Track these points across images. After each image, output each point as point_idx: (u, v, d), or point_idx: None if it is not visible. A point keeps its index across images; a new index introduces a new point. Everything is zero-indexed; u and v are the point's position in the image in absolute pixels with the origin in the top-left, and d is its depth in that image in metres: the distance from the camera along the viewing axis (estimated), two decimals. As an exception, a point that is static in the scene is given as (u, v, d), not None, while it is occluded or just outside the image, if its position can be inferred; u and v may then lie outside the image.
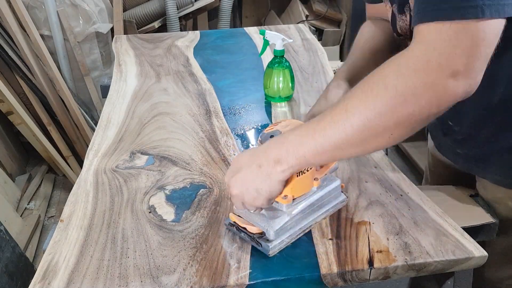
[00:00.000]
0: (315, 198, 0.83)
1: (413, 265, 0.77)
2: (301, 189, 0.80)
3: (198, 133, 1.18)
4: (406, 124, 0.65)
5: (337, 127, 0.67)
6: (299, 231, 0.82)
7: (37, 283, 0.73)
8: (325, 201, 0.85)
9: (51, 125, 2.42)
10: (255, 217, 0.80)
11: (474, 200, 1.04)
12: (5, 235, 1.70)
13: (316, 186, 0.82)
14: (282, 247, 0.80)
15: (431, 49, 0.62)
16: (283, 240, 0.80)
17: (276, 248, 0.79)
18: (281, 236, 0.79)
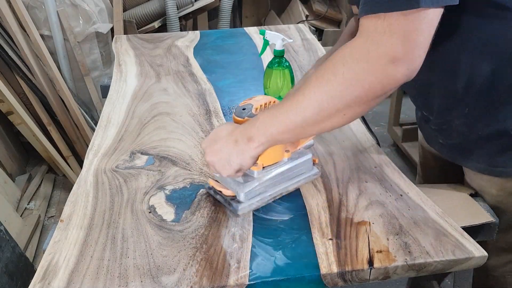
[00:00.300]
0: (285, 168, 0.91)
1: (413, 265, 0.77)
2: (271, 158, 0.89)
3: (198, 133, 1.18)
4: (355, 105, 0.73)
5: (296, 109, 0.76)
6: (269, 196, 0.91)
7: (37, 283, 0.73)
8: (295, 172, 0.93)
9: (51, 125, 2.42)
10: (229, 182, 0.89)
11: (474, 200, 1.04)
12: (5, 235, 1.70)
13: (287, 158, 0.91)
14: (252, 209, 0.89)
15: (369, 40, 0.69)
16: (253, 203, 0.89)
17: (246, 209, 0.88)
18: (251, 200, 0.88)
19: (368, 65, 0.69)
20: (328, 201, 0.92)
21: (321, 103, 0.74)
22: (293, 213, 0.89)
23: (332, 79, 0.72)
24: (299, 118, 0.76)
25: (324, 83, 0.73)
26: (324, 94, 0.73)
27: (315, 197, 0.94)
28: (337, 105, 0.73)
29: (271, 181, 0.90)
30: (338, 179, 0.99)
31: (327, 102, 0.73)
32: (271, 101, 0.89)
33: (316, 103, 0.74)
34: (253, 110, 0.87)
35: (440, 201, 0.94)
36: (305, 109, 0.75)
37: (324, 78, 0.73)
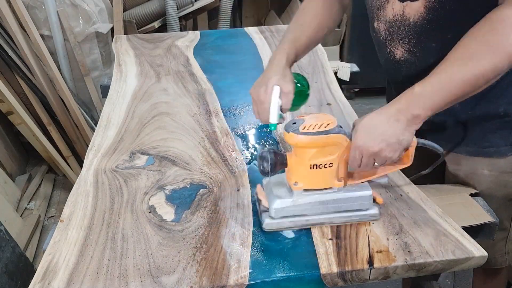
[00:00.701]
0: (332, 197, 0.85)
1: (413, 265, 0.77)
2: (314, 183, 0.84)
3: (198, 133, 1.18)
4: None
5: (466, 72, 0.79)
6: (305, 221, 0.85)
7: (37, 283, 0.73)
8: (347, 206, 0.86)
9: (51, 125, 2.42)
10: (270, 194, 0.86)
11: (474, 200, 1.04)
12: (5, 235, 1.70)
13: (338, 187, 0.85)
14: (281, 228, 0.84)
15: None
16: (284, 223, 0.84)
17: (274, 226, 0.84)
18: (283, 219, 0.84)
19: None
20: (328, 201, 0.92)
21: (488, 71, 0.79)
22: (293, 213, 0.89)
23: (505, 49, 0.77)
24: (469, 85, 0.80)
25: (497, 51, 0.78)
26: (495, 60, 0.78)
27: (315, 197, 0.93)
28: (506, 64, 0.79)
29: (312, 206, 0.84)
30: (338, 179, 0.99)
31: (500, 65, 0.78)
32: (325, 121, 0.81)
33: (491, 68, 0.78)
34: (301, 127, 0.81)
35: (440, 201, 0.94)
36: (477, 75, 0.79)
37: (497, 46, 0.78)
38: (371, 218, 0.87)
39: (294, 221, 0.85)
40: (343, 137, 0.83)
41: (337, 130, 0.82)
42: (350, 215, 0.86)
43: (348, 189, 0.86)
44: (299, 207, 0.84)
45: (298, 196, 0.84)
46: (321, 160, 0.82)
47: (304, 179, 0.84)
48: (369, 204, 0.86)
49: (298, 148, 0.83)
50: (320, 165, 0.82)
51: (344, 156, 0.84)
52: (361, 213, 0.86)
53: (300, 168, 0.83)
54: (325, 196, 0.85)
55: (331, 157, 0.83)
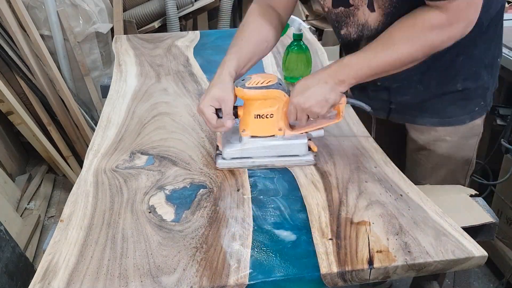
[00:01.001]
0: (273, 143, 1.03)
1: (413, 265, 0.77)
2: (258, 130, 1.02)
3: (198, 133, 1.18)
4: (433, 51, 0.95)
5: (385, 58, 0.94)
6: (251, 163, 1.03)
7: (37, 283, 0.73)
8: (286, 151, 1.03)
9: (51, 125, 2.42)
10: (223, 140, 1.04)
11: (474, 200, 1.04)
12: (5, 235, 1.70)
13: (280, 135, 1.02)
14: (231, 167, 1.02)
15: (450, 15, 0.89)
16: (233, 163, 1.02)
17: (225, 165, 1.02)
18: (233, 160, 1.02)
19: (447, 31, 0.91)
20: (328, 201, 0.92)
21: (404, 57, 0.94)
22: (293, 213, 0.89)
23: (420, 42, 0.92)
24: (387, 66, 0.95)
25: (414, 43, 0.93)
26: (411, 49, 0.93)
27: (315, 197, 0.94)
28: (420, 54, 0.94)
29: (257, 150, 1.02)
30: (338, 179, 0.99)
31: (415, 54, 0.94)
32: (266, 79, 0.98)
33: (406, 55, 0.94)
34: (247, 83, 0.97)
35: (440, 201, 0.94)
36: (395, 59, 0.94)
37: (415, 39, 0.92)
38: (306, 163, 1.03)
39: (242, 162, 1.03)
40: (281, 93, 0.98)
41: (276, 86, 0.98)
42: (289, 159, 1.03)
43: (287, 137, 1.02)
44: (246, 150, 1.02)
45: (246, 141, 1.02)
46: (263, 111, 0.99)
47: (250, 127, 1.01)
48: (305, 150, 1.04)
49: (245, 101, 0.99)
50: (263, 115, 1.00)
51: (283, 109, 1.00)
52: (298, 158, 1.04)
53: (247, 118, 1.00)
54: (267, 143, 1.02)
55: (271, 109, 1.00)
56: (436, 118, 1.17)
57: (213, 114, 0.98)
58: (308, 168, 1.03)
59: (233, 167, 1.02)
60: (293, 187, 0.97)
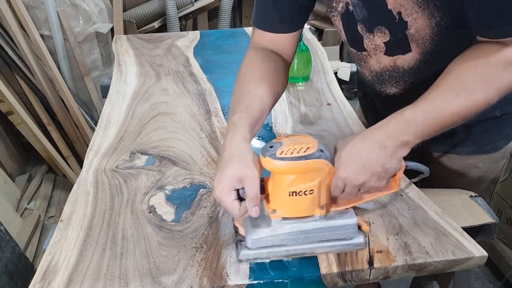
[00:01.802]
0: (314, 226, 0.77)
1: (413, 265, 0.76)
2: (293, 211, 0.76)
3: (198, 133, 1.18)
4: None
5: (460, 102, 0.77)
6: (285, 252, 0.78)
7: (37, 283, 0.73)
8: (330, 235, 0.78)
9: (51, 125, 2.42)
10: (246, 223, 0.79)
11: (474, 200, 1.04)
12: (5, 235, 1.70)
13: (321, 214, 0.77)
14: (258, 259, 0.77)
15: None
16: (260, 253, 0.77)
17: (250, 257, 0.77)
18: (260, 249, 0.77)
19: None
20: (328, 201, 0.92)
21: (479, 103, 0.78)
22: (293, 213, 0.89)
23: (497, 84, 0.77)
24: (460, 115, 0.78)
25: (490, 86, 0.77)
26: (488, 93, 0.77)
27: (315, 197, 0.93)
28: (496, 97, 0.78)
29: (291, 236, 0.77)
30: (338, 179, 0.99)
31: (491, 98, 0.78)
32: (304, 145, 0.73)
33: (482, 100, 0.77)
34: (278, 151, 0.72)
35: (440, 201, 0.94)
36: (469, 106, 0.77)
37: (490, 81, 0.77)
38: (356, 247, 0.79)
39: (273, 252, 0.77)
40: (324, 162, 0.74)
41: (318, 154, 0.73)
42: (334, 245, 0.79)
43: (330, 216, 0.78)
44: (277, 237, 0.76)
45: (277, 225, 0.76)
46: (300, 187, 0.74)
47: (283, 207, 0.76)
48: (354, 232, 0.79)
49: (276, 174, 0.75)
50: (300, 192, 0.74)
51: (326, 182, 0.76)
52: (346, 242, 0.79)
53: (278, 195, 0.75)
54: (305, 225, 0.77)
55: (311, 184, 0.74)
56: (470, 147, 1.06)
57: (236, 202, 0.74)
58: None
59: (262, 259, 0.78)
60: (293, 187, 0.97)
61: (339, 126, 1.21)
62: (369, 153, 0.76)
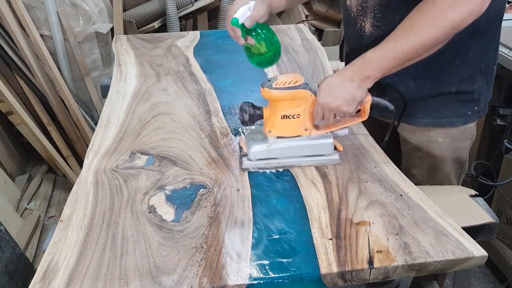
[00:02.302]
0: (300, 143, 1.03)
1: (413, 265, 0.77)
2: (285, 131, 1.02)
3: (198, 133, 1.18)
4: (451, 34, 0.93)
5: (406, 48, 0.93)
6: (277, 164, 1.03)
7: (37, 283, 0.73)
8: (312, 151, 1.04)
9: (51, 125, 2.42)
10: (249, 141, 1.04)
11: (474, 200, 1.04)
12: (5, 235, 1.70)
13: (306, 135, 1.02)
14: (257, 167, 1.03)
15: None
16: (259, 164, 1.03)
17: (251, 166, 1.03)
18: (258, 161, 1.03)
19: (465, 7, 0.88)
20: (328, 201, 0.92)
21: (427, 41, 0.92)
22: (293, 213, 0.89)
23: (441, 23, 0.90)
24: (411, 53, 0.93)
25: (435, 24, 0.90)
26: (433, 31, 0.91)
27: (315, 197, 0.94)
28: (442, 35, 0.92)
29: (283, 151, 1.02)
30: (338, 179, 0.99)
31: (438, 36, 0.92)
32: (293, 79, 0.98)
33: (429, 38, 0.92)
34: (274, 83, 0.97)
35: (440, 201, 0.95)
36: (418, 44, 0.92)
37: (436, 20, 0.90)
38: (332, 162, 1.04)
39: (268, 163, 1.03)
40: (308, 93, 0.99)
41: (303, 86, 0.98)
42: (315, 159, 1.04)
43: (313, 137, 1.03)
44: (272, 151, 1.02)
45: (272, 142, 1.02)
46: (290, 112, 1.00)
47: (277, 128, 1.01)
48: (331, 150, 1.04)
49: (271, 101, 1.00)
50: (290, 115, 1.00)
51: (310, 109, 1.01)
52: (324, 157, 1.04)
53: (273, 118, 1.01)
54: (294, 143, 1.03)
55: (298, 109, 1.00)
56: (428, 119, 1.17)
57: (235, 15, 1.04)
58: (308, 168, 1.03)
59: (259, 168, 1.02)
60: (293, 187, 0.97)
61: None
62: (341, 85, 0.97)
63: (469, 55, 1.09)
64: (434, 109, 1.16)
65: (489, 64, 1.14)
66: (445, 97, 1.14)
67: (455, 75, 1.11)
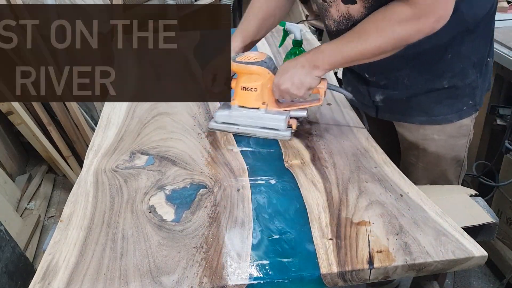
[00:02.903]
0: (255, 114, 1.14)
1: (413, 265, 0.77)
2: (245, 101, 1.14)
3: (198, 133, 1.18)
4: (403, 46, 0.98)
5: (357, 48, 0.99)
6: (236, 128, 1.16)
7: (37, 283, 0.73)
8: (267, 124, 1.14)
9: (51, 125, 2.42)
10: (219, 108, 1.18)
11: (474, 200, 1.04)
12: (5, 235, 1.70)
13: (264, 109, 1.13)
14: (218, 129, 1.18)
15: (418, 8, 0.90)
16: (220, 126, 1.17)
17: (213, 126, 1.18)
18: (221, 124, 1.17)
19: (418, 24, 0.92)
20: (328, 201, 0.92)
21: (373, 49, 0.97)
22: (293, 213, 0.89)
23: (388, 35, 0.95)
24: (358, 55, 0.99)
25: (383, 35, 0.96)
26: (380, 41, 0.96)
27: (315, 197, 0.94)
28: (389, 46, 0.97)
29: (242, 118, 1.15)
30: (338, 179, 0.99)
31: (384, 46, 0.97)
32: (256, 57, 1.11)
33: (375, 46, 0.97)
34: (238, 57, 1.12)
35: (440, 201, 0.95)
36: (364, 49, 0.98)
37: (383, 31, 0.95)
38: (282, 137, 1.14)
39: (229, 127, 1.17)
40: (265, 70, 1.10)
41: (260, 63, 1.10)
42: (268, 132, 1.14)
43: (270, 112, 1.14)
44: (233, 117, 1.16)
45: (234, 109, 1.16)
46: (248, 84, 1.12)
47: (238, 97, 1.15)
48: (284, 126, 1.13)
49: (236, 73, 1.13)
50: (248, 88, 1.13)
51: (268, 86, 1.11)
52: (277, 132, 1.14)
53: (237, 89, 1.14)
54: (252, 113, 1.14)
55: (255, 84, 1.12)
56: (423, 117, 1.18)
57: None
58: (308, 168, 1.03)
59: (221, 130, 1.17)
60: (293, 187, 0.97)
61: (339, 126, 1.21)
62: (293, 69, 1.06)
63: (461, 50, 1.09)
64: (428, 106, 1.17)
65: (483, 57, 1.15)
66: (439, 93, 1.14)
67: (447, 70, 1.12)
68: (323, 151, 1.09)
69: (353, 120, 1.24)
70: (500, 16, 1.90)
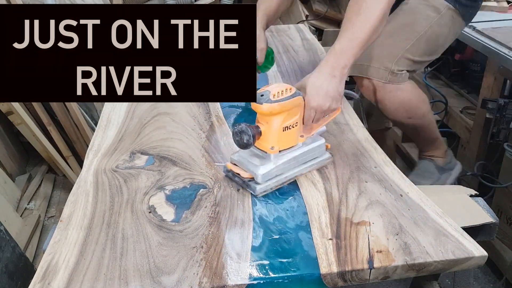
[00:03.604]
0: (300, 152, 0.99)
1: (413, 265, 0.77)
2: (286, 143, 0.97)
3: (198, 133, 1.18)
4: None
5: (365, 31, 1.01)
6: (284, 179, 0.97)
7: (37, 283, 0.73)
8: (309, 156, 1.01)
9: (51, 125, 2.42)
10: (247, 164, 0.96)
11: (474, 200, 1.04)
12: (5, 235, 1.70)
13: (302, 142, 1.00)
14: (268, 190, 0.95)
15: None
16: (269, 184, 0.95)
17: (263, 189, 0.94)
18: (268, 182, 0.95)
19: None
20: (328, 201, 0.92)
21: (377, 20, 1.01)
22: (293, 213, 0.89)
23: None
24: (370, 29, 1.01)
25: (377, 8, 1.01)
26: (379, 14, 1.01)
27: (315, 197, 0.94)
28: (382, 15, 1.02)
29: (286, 164, 0.97)
30: (338, 179, 0.99)
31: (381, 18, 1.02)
32: (286, 88, 0.94)
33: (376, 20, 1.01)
34: (271, 96, 0.92)
35: (440, 201, 0.95)
36: (371, 21, 1.01)
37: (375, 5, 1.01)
38: (327, 161, 1.04)
39: (276, 181, 0.96)
40: (301, 98, 0.97)
41: (298, 93, 0.96)
42: (312, 164, 1.02)
43: (306, 142, 1.01)
44: (278, 167, 0.96)
45: (276, 158, 0.96)
46: (290, 122, 0.96)
47: (278, 142, 0.95)
48: (324, 150, 1.04)
49: (272, 115, 0.93)
50: (290, 126, 0.96)
51: (302, 115, 1.00)
52: (319, 159, 1.03)
53: (274, 133, 0.95)
54: (293, 153, 0.98)
55: (296, 117, 0.97)
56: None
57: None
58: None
59: (271, 189, 0.95)
60: (293, 187, 0.97)
61: (339, 126, 1.21)
62: (327, 84, 1.00)
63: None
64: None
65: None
66: None
67: None
68: (323, 151, 1.09)
69: (354, 120, 1.24)
70: (500, 16, 1.90)
